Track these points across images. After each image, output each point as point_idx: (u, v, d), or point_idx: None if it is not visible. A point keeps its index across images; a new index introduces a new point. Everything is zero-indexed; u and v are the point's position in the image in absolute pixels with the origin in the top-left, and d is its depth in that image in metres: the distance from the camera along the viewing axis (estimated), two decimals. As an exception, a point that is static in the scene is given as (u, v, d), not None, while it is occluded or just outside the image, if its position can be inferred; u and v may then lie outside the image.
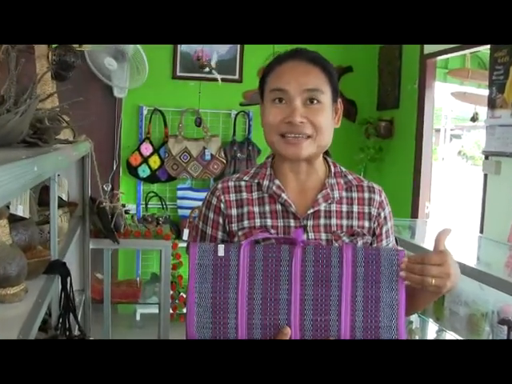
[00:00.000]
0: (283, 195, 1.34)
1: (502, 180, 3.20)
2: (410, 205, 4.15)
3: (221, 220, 1.37)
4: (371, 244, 1.39)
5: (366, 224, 1.38)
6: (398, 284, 1.19)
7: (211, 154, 4.52)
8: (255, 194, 1.37)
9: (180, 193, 4.63)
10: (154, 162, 4.53)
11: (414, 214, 4.10)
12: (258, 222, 1.34)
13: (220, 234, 1.37)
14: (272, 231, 1.32)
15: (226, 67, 4.56)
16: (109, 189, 4.70)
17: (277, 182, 1.36)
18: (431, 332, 2.92)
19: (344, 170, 1.43)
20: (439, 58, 4.02)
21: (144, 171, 4.53)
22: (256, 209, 1.35)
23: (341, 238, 1.34)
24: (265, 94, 1.34)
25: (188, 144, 4.52)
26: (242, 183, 1.38)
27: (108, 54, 3.97)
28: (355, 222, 1.36)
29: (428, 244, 2.65)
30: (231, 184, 1.38)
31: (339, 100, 1.35)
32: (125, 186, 4.62)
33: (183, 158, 4.50)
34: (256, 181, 1.38)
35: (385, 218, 1.41)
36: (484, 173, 3.37)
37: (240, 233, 1.34)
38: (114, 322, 4.09)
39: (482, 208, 3.39)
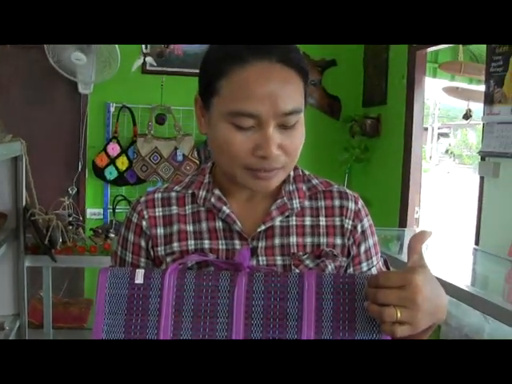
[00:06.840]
0: (225, 208, 1.02)
1: (501, 184, 2.88)
2: (398, 210, 3.87)
3: (143, 243, 1.05)
4: (346, 269, 1.05)
5: (338, 241, 1.04)
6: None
7: (183, 155, 4.26)
8: (188, 209, 1.05)
9: (150, 196, 4.28)
10: (122, 163, 4.28)
11: (403, 220, 3.85)
12: (191, 244, 1.03)
13: (143, 262, 1.06)
14: (211, 256, 1.00)
15: (198, 61, 4.20)
16: (74, 192, 4.42)
17: (217, 192, 1.04)
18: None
19: (307, 173, 1.10)
20: (430, 49, 3.75)
21: (111, 173, 4.27)
22: (189, 227, 1.04)
23: (303, 262, 1.01)
24: (214, 108, 0.94)
25: (158, 144, 4.24)
26: (173, 194, 1.07)
27: (75, 48, 3.65)
28: (323, 240, 1.03)
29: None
30: (158, 196, 1.06)
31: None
32: (91, 189, 4.43)
33: (153, 158, 4.22)
34: (190, 191, 1.06)
35: (363, 232, 1.06)
36: (480, 175, 3.05)
37: (168, 258, 1.03)
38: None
39: (477, 215, 3.07)
